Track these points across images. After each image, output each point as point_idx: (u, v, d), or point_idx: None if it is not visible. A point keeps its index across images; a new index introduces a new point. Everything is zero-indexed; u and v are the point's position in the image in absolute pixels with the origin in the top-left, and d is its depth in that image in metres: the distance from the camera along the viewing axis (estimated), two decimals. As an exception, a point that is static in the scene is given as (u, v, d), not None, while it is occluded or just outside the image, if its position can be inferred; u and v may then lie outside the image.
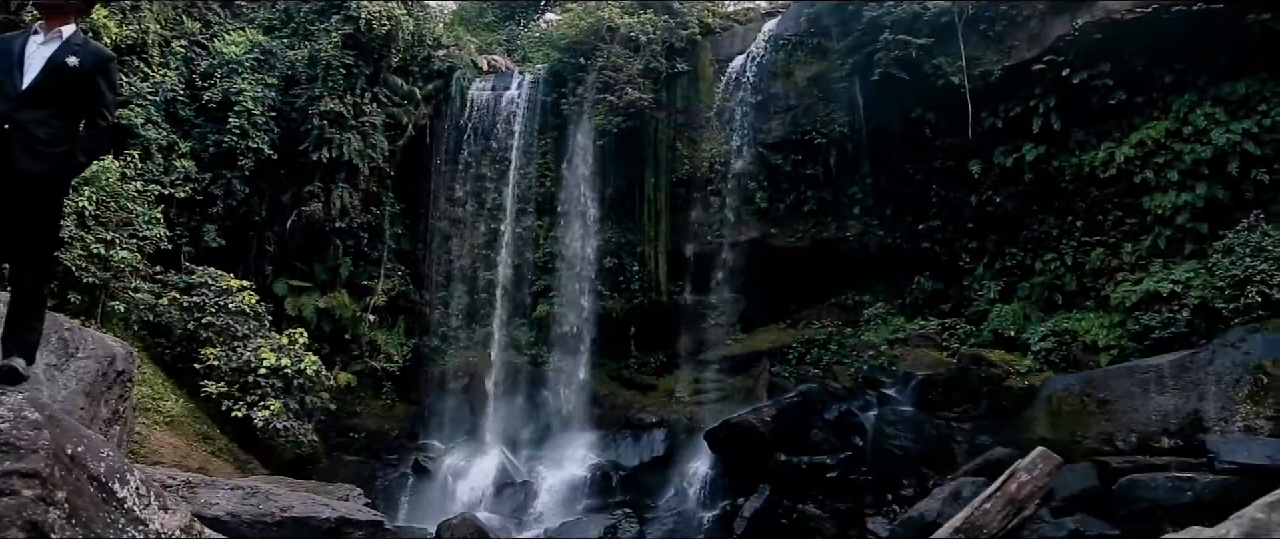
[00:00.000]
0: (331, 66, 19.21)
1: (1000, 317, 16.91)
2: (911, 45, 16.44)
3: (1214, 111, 14.96)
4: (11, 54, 4.22)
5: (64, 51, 4.24)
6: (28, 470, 2.62)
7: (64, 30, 4.34)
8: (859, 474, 14.39)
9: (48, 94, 4.19)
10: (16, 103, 4.11)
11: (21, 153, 4.03)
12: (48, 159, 4.13)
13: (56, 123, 4.19)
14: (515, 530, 16.12)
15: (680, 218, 20.17)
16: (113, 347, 5.88)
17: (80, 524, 2.70)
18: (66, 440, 3.06)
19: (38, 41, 4.28)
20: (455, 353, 20.61)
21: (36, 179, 4.12)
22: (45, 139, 4.12)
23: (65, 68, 4.21)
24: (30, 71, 4.18)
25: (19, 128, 4.05)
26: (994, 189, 17.44)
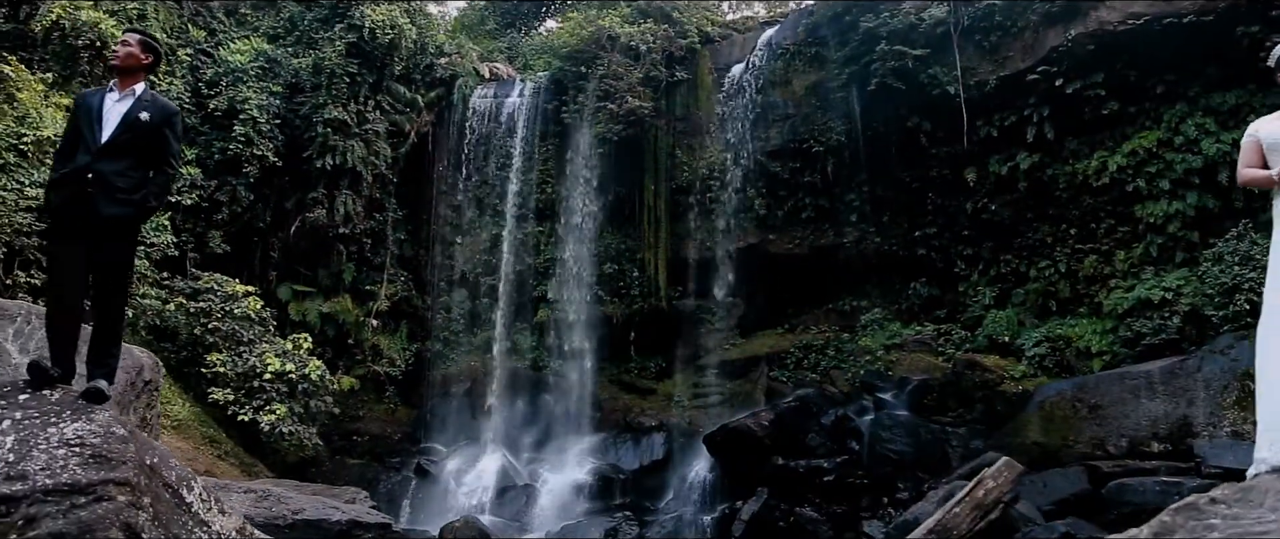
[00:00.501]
0: (335, 75, 19.45)
1: (995, 322, 17.15)
2: (908, 55, 16.69)
3: (1205, 122, 15.22)
4: (92, 110, 4.65)
5: (137, 108, 4.68)
6: (120, 479, 2.94)
7: (136, 88, 4.79)
8: (855, 478, 14.59)
9: (124, 146, 4.62)
10: (97, 154, 4.54)
11: (105, 200, 4.48)
12: (127, 204, 4.57)
13: (133, 172, 4.62)
14: (517, 533, 16.32)
15: (680, 224, 20.43)
16: (140, 357, 6.12)
17: (161, 526, 3.01)
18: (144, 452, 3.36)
19: (113, 99, 4.72)
20: (457, 357, 20.84)
21: (118, 223, 4.58)
22: (124, 187, 4.56)
23: (139, 122, 4.65)
24: (108, 126, 4.62)
25: (101, 177, 4.49)
26: (989, 197, 17.70)
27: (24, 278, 13.12)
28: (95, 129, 4.58)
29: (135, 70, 4.84)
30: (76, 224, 4.51)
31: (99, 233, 4.51)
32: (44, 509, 2.74)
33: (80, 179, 4.48)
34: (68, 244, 4.57)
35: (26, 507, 2.72)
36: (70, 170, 4.53)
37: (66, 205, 4.52)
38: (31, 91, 14.57)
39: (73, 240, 4.54)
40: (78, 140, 4.62)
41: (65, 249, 4.60)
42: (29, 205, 13.23)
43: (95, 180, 4.48)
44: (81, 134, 4.60)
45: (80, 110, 4.71)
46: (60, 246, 4.69)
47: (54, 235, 4.88)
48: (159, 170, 4.82)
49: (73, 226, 4.53)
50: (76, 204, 4.48)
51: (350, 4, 19.86)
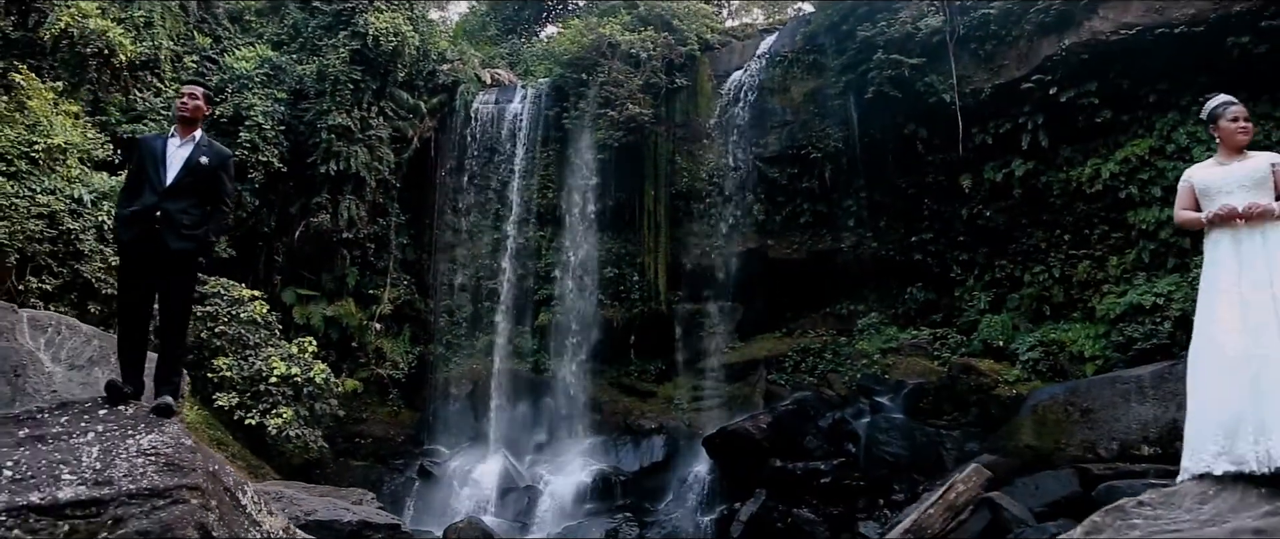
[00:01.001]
0: (339, 81, 19.70)
1: (990, 327, 17.40)
2: (904, 64, 16.93)
3: (1196, 130, 15.44)
4: (156, 154, 5.11)
5: (197, 152, 5.18)
6: (191, 484, 3.27)
7: (195, 135, 5.28)
8: (852, 480, 14.86)
9: (187, 188, 5.09)
10: (164, 195, 5.00)
11: (171, 235, 4.96)
12: (191, 239, 5.06)
13: (195, 211, 5.09)
14: (519, 533, 16.60)
15: (679, 229, 20.69)
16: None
17: (225, 526, 3.32)
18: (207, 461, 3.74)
19: (175, 144, 5.19)
20: (459, 360, 21.10)
21: (183, 256, 5.07)
22: (188, 224, 5.04)
23: (199, 166, 5.14)
24: (172, 169, 5.08)
25: (167, 216, 4.96)
26: (984, 203, 17.94)
27: (35, 283, 13.36)
28: (160, 171, 5.03)
29: (196, 121, 5.38)
30: (145, 258, 4.97)
31: (165, 266, 4.98)
32: (129, 511, 3.06)
33: (149, 217, 4.94)
34: (137, 276, 5.08)
35: (114, 508, 3.04)
36: (139, 209, 4.98)
37: (136, 241, 4.97)
38: (41, 99, 14.81)
39: (141, 273, 5.03)
40: (143, 181, 5.05)
41: (134, 281, 5.10)
42: (40, 212, 13.48)
43: (163, 218, 4.94)
44: (147, 175, 5.04)
45: (144, 154, 5.17)
46: (130, 278, 5.18)
47: (124, 268, 5.38)
48: (216, 208, 5.29)
49: (142, 260, 5.00)
50: (146, 240, 4.93)
51: (354, 12, 20.11)
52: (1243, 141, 4.90)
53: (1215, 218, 4.67)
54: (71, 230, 13.84)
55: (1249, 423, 4.18)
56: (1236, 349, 4.34)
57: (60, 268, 13.89)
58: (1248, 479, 4.09)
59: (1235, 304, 4.43)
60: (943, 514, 6.85)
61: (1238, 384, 4.30)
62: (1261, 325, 4.28)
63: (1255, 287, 4.38)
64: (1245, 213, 4.51)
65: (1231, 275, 4.52)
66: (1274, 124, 14.92)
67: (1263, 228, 4.49)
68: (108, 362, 5.90)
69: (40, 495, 2.99)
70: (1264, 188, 4.61)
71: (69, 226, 13.80)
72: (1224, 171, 4.76)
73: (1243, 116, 4.96)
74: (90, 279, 14.17)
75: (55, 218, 13.67)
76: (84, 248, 13.98)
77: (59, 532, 2.91)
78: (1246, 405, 4.23)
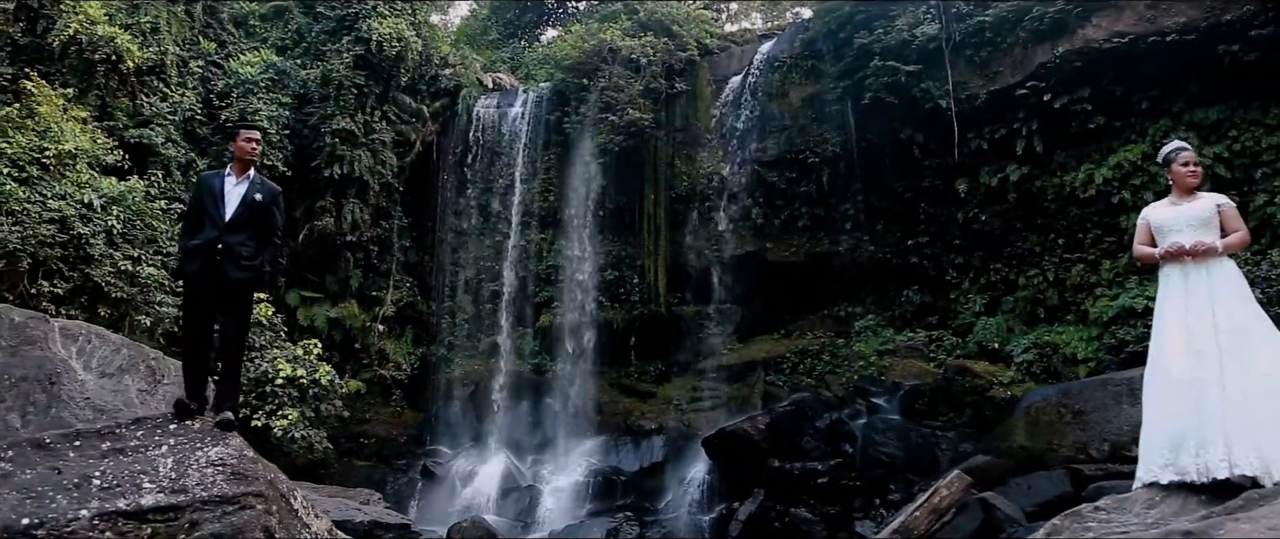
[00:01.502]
0: (343, 86, 19.94)
1: (985, 329, 17.67)
2: (900, 71, 17.20)
3: (1187, 137, 15.68)
4: (216, 192, 5.51)
5: (252, 190, 5.60)
6: (256, 492, 3.58)
7: (250, 174, 5.69)
8: (848, 480, 15.11)
9: (244, 222, 5.50)
10: (224, 229, 5.40)
11: (232, 266, 5.38)
12: (249, 270, 5.49)
13: (251, 243, 5.51)
14: (521, 533, 16.84)
15: (679, 232, 20.96)
16: None
17: (284, 528, 3.62)
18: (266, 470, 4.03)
19: (232, 182, 5.61)
20: (461, 362, 21.35)
21: (242, 285, 5.52)
22: (246, 255, 5.45)
23: (255, 202, 5.55)
24: (230, 205, 5.49)
25: (228, 248, 5.37)
26: (980, 207, 18.21)
27: (47, 287, 13.58)
28: (220, 207, 5.45)
29: (251, 164, 5.78)
30: (208, 287, 5.40)
31: (226, 295, 5.42)
32: (203, 516, 3.37)
33: (211, 249, 5.35)
34: (200, 303, 5.53)
35: (190, 513, 3.36)
36: (202, 242, 5.39)
37: (200, 272, 5.40)
38: (51, 105, 15.03)
39: (205, 300, 5.47)
40: (204, 216, 5.46)
41: (198, 307, 5.56)
42: (51, 217, 13.69)
43: (224, 250, 5.35)
44: (207, 211, 5.45)
45: (205, 191, 5.57)
46: (194, 306, 5.63)
47: (188, 297, 5.79)
48: (268, 241, 5.73)
49: (205, 289, 5.42)
50: (209, 271, 5.36)
51: (357, 17, 20.35)
52: (1192, 184, 5.31)
53: (1166, 254, 5.08)
54: (82, 235, 14.04)
55: (1191, 439, 4.56)
56: (1182, 373, 4.75)
57: (71, 272, 14.10)
58: (1189, 488, 4.49)
59: (1182, 332, 4.85)
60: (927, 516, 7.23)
61: (1182, 404, 4.69)
62: (1203, 352, 4.71)
63: (1199, 317, 4.82)
64: (1191, 250, 4.94)
65: (1179, 306, 4.96)
66: (1264, 130, 15.21)
67: (1207, 264, 4.93)
68: (136, 370, 6.17)
69: (126, 502, 3.32)
70: (1210, 227, 5.05)
71: (79, 231, 14.00)
72: (1176, 211, 5.19)
73: (1192, 161, 5.36)
74: (100, 283, 14.38)
75: (66, 222, 13.87)
76: (94, 252, 14.19)
77: (143, 534, 3.22)
78: (1189, 423, 4.62)
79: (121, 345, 6.34)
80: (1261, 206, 14.94)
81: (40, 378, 5.52)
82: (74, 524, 3.39)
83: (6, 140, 13.79)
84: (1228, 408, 4.46)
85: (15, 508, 3.35)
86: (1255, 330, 4.78)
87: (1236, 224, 5.11)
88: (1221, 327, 4.76)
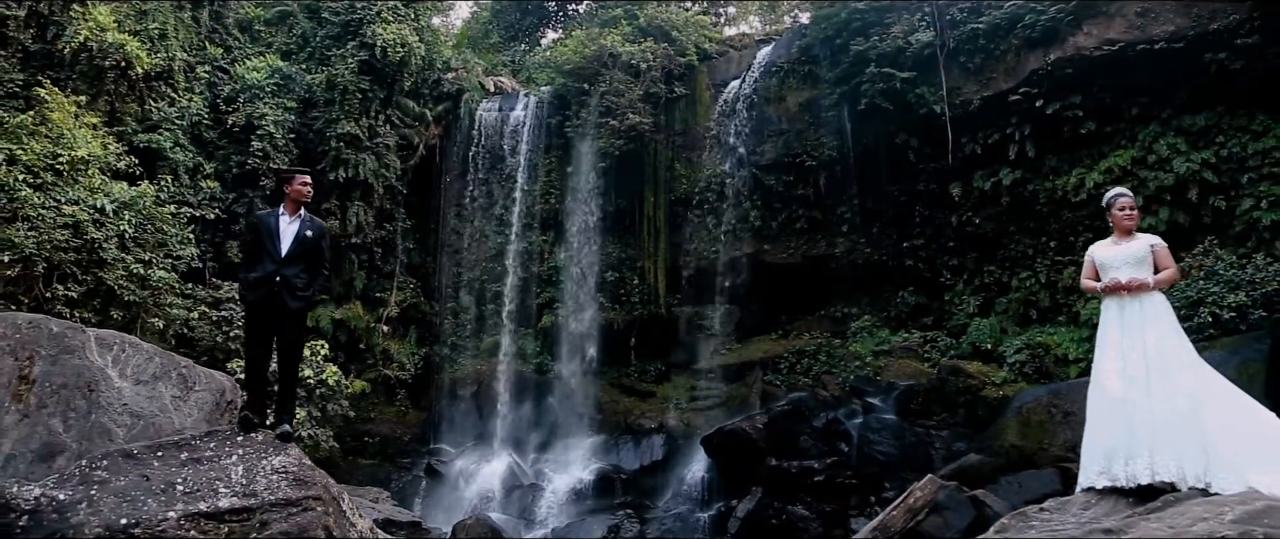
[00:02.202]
0: (348, 91, 20.26)
1: (978, 330, 18.01)
2: (896, 77, 17.52)
3: (1176, 142, 16.08)
4: (271, 230, 6.06)
5: (304, 227, 6.16)
6: (315, 495, 3.99)
7: (302, 212, 6.27)
8: (844, 478, 15.45)
9: (297, 256, 6.05)
10: (281, 263, 5.96)
11: (289, 296, 5.97)
12: (303, 299, 6.09)
13: (304, 275, 6.06)
14: (523, 530, 17.18)
15: (678, 234, 21.31)
16: (222, 381, 7.01)
17: (339, 528, 4.00)
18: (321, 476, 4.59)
19: (285, 220, 6.18)
20: (464, 361, 21.69)
21: (298, 313, 6.13)
22: (300, 286, 6.03)
23: (306, 238, 6.12)
24: (285, 241, 6.05)
25: (285, 280, 5.94)
26: (973, 210, 18.55)
27: (62, 290, 13.91)
28: (277, 244, 6.01)
29: (303, 204, 6.36)
30: (267, 315, 5.98)
31: (284, 321, 6.01)
32: (271, 517, 3.76)
33: (270, 282, 5.92)
34: (261, 329, 6.15)
35: (260, 514, 3.76)
36: (262, 275, 5.96)
37: (260, 301, 5.98)
38: (64, 112, 15.33)
39: (265, 327, 6.09)
40: (262, 251, 6.02)
41: (260, 333, 6.19)
42: (65, 222, 14.01)
43: (282, 282, 5.92)
44: (265, 247, 6.00)
45: (262, 229, 6.13)
46: (255, 331, 6.27)
47: (250, 323, 6.45)
48: (318, 272, 6.25)
49: (265, 316, 6.01)
50: (268, 300, 5.93)
51: (361, 23, 20.65)
52: (1129, 227, 5.92)
53: (1106, 289, 5.73)
54: (95, 239, 14.37)
55: (1121, 451, 5.19)
56: (1116, 393, 5.37)
57: (84, 275, 14.43)
58: (1120, 492, 5.13)
59: (1118, 357, 5.48)
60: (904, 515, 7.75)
61: (1116, 420, 5.30)
62: (1135, 375, 5.32)
63: (1133, 344, 5.45)
64: (1127, 286, 5.60)
65: (1116, 334, 5.60)
66: (1250, 136, 15.55)
67: (1141, 297, 5.57)
68: (169, 377, 6.51)
69: (206, 505, 3.73)
70: (1145, 265, 5.67)
71: (93, 235, 14.33)
72: (1115, 250, 5.84)
73: (1129, 206, 5.98)
74: (113, 286, 14.71)
75: (79, 227, 14.19)
76: (107, 256, 14.52)
77: (221, 533, 3.61)
78: (1121, 438, 5.24)
79: (154, 354, 6.67)
80: (1248, 211, 15.27)
81: (79, 385, 5.87)
82: (164, 524, 3.87)
83: (22, 147, 14.10)
84: (1153, 424, 5.08)
85: (114, 510, 3.75)
86: (1179, 357, 5.37)
87: (1167, 263, 5.73)
88: (1151, 352, 5.37)
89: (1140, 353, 5.36)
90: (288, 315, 6.09)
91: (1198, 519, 3.82)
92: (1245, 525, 3.61)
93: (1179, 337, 5.49)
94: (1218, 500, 4.39)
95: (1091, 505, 4.82)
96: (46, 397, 5.73)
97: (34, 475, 5.43)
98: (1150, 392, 5.18)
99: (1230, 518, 3.77)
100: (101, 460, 4.11)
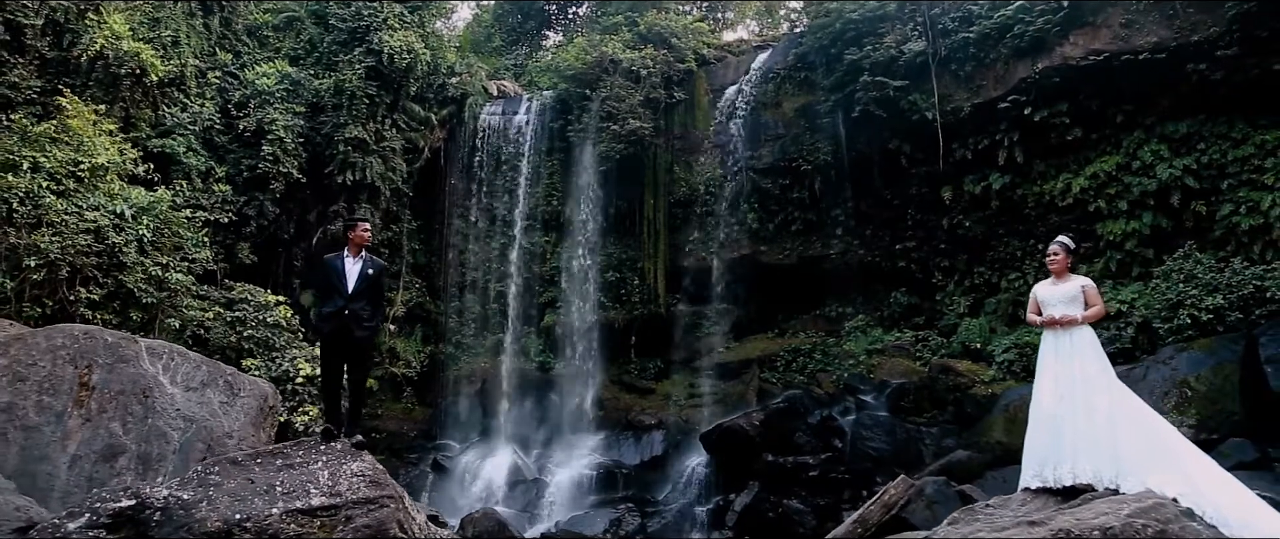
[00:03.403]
0: (355, 96, 20.74)
1: (968, 330, 18.58)
2: (888, 85, 18.06)
3: (1159, 148, 16.66)
4: (339, 270, 6.75)
5: (366, 265, 6.85)
6: (389, 495, 4.60)
7: (363, 253, 6.97)
8: (838, 473, 16.05)
9: (362, 293, 6.73)
10: (348, 299, 6.65)
11: (356, 327, 6.66)
12: (368, 330, 6.78)
13: (368, 308, 6.75)
14: (528, 523, 17.74)
15: (677, 235, 21.86)
16: (264, 387, 7.54)
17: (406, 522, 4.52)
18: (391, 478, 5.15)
19: (350, 262, 6.84)
20: (469, 359, 22.24)
21: (365, 342, 6.82)
22: (366, 318, 6.72)
23: (368, 276, 6.82)
24: (351, 279, 6.74)
25: (354, 314, 6.63)
26: (964, 213, 19.12)
27: (85, 294, 14.40)
28: (344, 282, 6.72)
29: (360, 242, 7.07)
30: (339, 344, 6.70)
31: (352, 350, 6.73)
32: (354, 513, 4.37)
33: (340, 316, 6.64)
34: (334, 356, 6.87)
35: (345, 511, 4.37)
36: (333, 310, 6.68)
37: (334, 332, 6.69)
38: (83, 120, 15.81)
39: (337, 354, 6.79)
40: (332, 289, 6.72)
41: (333, 359, 6.91)
42: (87, 227, 14.50)
43: (350, 316, 6.63)
44: (334, 286, 6.70)
45: (330, 270, 6.83)
46: (329, 358, 7.03)
47: (324, 350, 7.25)
48: (379, 305, 6.96)
49: (337, 345, 6.74)
50: (340, 331, 6.63)
51: (368, 29, 21.12)
52: (1056, 270, 6.96)
53: (1044, 323, 6.76)
54: (115, 243, 14.86)
55: (1051, 458, 6.16)
56: (1049, 410, 6.34)
57: (105, 278, 14.92)
58: (1051, 492, 6.10)
59: (1052, 380, 6.47)
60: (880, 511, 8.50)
61: (1048, 431, 6.27)
62: (1064, 396, 6.28)
63: (1064, 369, 6.45)
64: (1059, 321, 6.61)
65: (1051, 361, 6.59)
66: (1230, 144, 16.11)
67: (1071, 331, 6.59)
68: (216, 384, 7.05)
69: (301, 503, 4.35)
70: (1076, 303, 6.64)
71: (113, 240, 14.81)
72: (1053, 290, 6.80)
73: (1053, 254, 7.05)
74: (133, 289, 15.21)
75: (100, 232, 14.67)
76: (127, 259, 15.00)
77: (314, 526, 4.19)
78: (1051, 447, 6.20)
79: (201, 362, 7.19)
80: (1227, 216, 15.85)
81: (135, 392, 6.39)
82: (268, 519, 4.52)
83: (45, 155, 14.58)
84: (1077, 437, 6.12)
85: (228, 507, 4.36)
86: (1099, 381, 6.34)
87: (1095, 301, 6.74)
88: (1077, 378, 6.37)
89: (1069, 378, 6.33)
90: (355, 344, 6.81)
91: (1100, 513, 4.69)
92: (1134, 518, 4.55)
93: (1101, 364, 6.41)
94: (1119, 498, 5.29)
95: (1027, 502, 5.80)
96: (106, 402, 6.26)
97: (98, 475, 5.99)
98: (1075, 410, 6.13)
99: (1125, 513, 4.67)
100: (214, 466, 4.72)
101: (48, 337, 6.72)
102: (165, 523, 4.28)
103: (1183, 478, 5.52)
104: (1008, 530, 4.54)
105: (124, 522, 4.44)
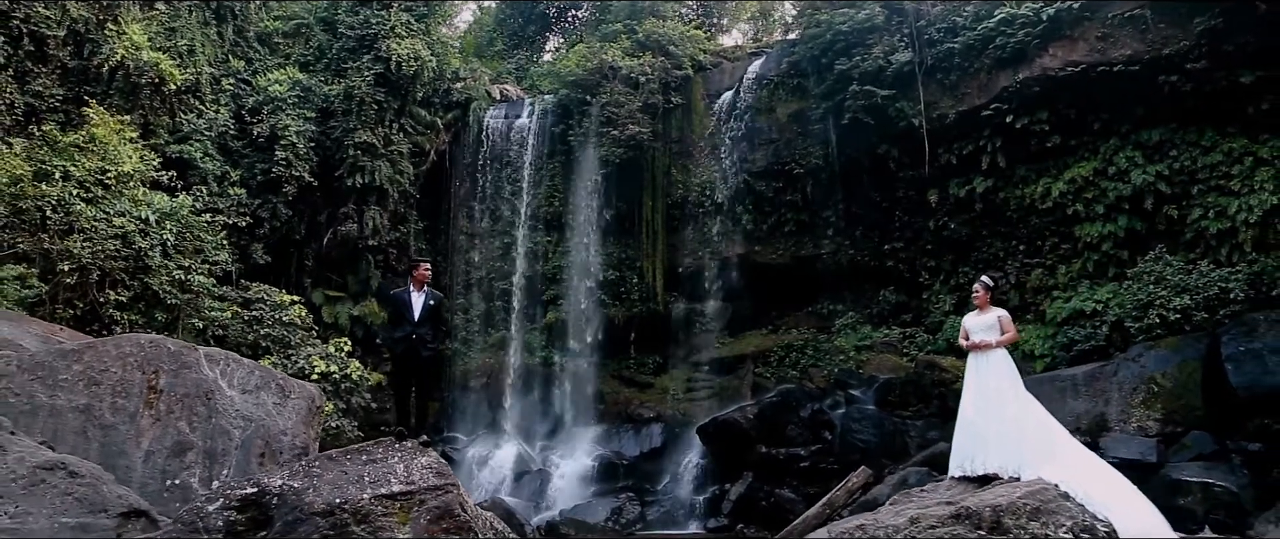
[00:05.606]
0: (364, 102, 21.50)
1: (954, 327, 19.37)
2: (876, 94, 18.87)
3: (1134, 155, 17.49)
4: (406, 301, 7.84)
5: (428, 298, 7.91)
6: (452, 482, 5.50)
7: (424, 286, 8.01)
8: (828, 464, 16.85)
9: (425, 320, 7.82)
10: (414, 326, 7.71)
11: (422, 348, 7.74)
12: (431, 350, 7.85)
13: (431, 332, 7.85)
14: (533, 512, 18.59)
15: (675, 236, 22.71)
16: (311, 389, 8.39)
17: (467, 505, 5.36)
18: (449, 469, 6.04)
19: (415, 294, 7.88)
20: (475, 355, 23.06)
21: (429, 361, 7.90)
22: (429, 341, 7.81)
23: (430, 306, 7.89)
24: (416, 309, 7.81)
25: (420, 337, 7.72)
26: (949, 216, 19.96)
27: (113, 296, 15.20)
28: (411, 311, 7.83)
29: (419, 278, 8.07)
30: (408, 363, 7.84)
31: (419, 368, 7.87)
32: (426, 497, 5.26)
33: (409, 339, 7.72)
34: (404, 373, 8.08)
35: (418, 496, 5.23)
36: (402, 335, 7.78)
37: (403, 353, 7.83)
38: (108, 129, 16.53)
39: (407, 371, 7.95)
40: (402, 318, 7.83)
41: (402, 374, 8.15)
42: (115, 233, 15.26)
43: (417, 339, 7.73)
44: (403, 315, 7.80)
45: (400, 302, 7.93)
46: (399, 375, 8.38)
47: (395, 367, 8.54)
48: (438, 331, 8.07)
49: (406, 364, 7.88)
50: (408, 352, 7.76)
51: (376, 37, 21.87)
52: (979, 304, 8.22)
53: (969, 347, 8.05)
54: (141, 248, 15.62)
55: (969, 453, 7.45)
56: (970, 415, 7.62)
57: (132, 281, 15.71)
58: (969, 480, 7.42)
59: (975, 393, 7.72)
60: (845, 496, 9.56)
61: (968, 433, 7.56)
62: (981, 405, 7.54)
63: (983, 384, 7.71)
64: (979, 344, 7.91)
65: (973, 375, 7.87)
66: (1200, 151, 16.95)
67: (989, 353, 7.86)
68: (268, 387, 7.88)
69: (384, 490, 5.23)
70: (993, 330, 7.93)
71: (139, 244, 15.57)
72: (977, 319, 8.04)
73: (976, 291, 8.28)
74: (158, 291, 16.00)
75: (127, 237, 15.44)
76: (152, 263, 15.77)
77: (395, 507, 5.11)
78: (970, 444, 7.49)
79: (253, 368, 8.00)
80: (1197, 219, 16.69)
81: (199, 394, 7.21)
82: (361, 502, 5.42)
83: (75, 164, 15.33)
84: (989, 437, 7.49)
85: (329, 493, 5.31)
86: (1009, 393, 7.65)
87: (1008, 328, 8.01)
88: (991, 389, 7.69)
89: (986, 390, 7.67)
90: (420, 363, 7.96)
91: (998, 495, 5.97)
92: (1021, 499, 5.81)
93: (1012, 379, 7.67)
94: (1016, 484, 6.62)
95: (951, 488, 7.15)
96: (173, 404, 7.08)
97: (170, 468, 6.81)
98: (989, 416, 7.45)
99: (1017, 495, 5.94)
100: (314, 462, 5.64)
101: (117, 345, 7.52)
102: (282, 505, 5.20)
103: (1065, 469, 6.74)
104: (929, 508, 5.55)
105: (250, 504, 5.47)
